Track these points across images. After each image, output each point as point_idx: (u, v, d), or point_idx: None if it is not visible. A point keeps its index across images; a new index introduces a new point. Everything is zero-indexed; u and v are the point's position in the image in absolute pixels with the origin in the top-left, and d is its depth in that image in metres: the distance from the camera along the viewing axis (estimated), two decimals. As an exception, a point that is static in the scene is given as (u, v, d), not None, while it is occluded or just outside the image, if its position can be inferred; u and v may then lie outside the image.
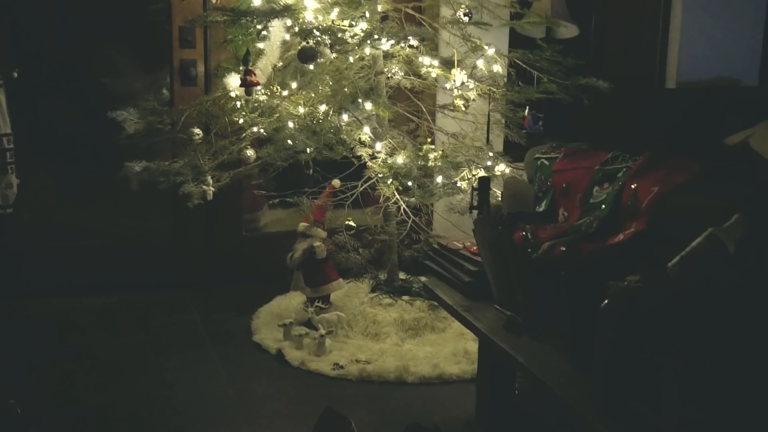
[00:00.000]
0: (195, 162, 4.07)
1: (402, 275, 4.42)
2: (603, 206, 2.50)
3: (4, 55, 4.49)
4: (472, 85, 3.84)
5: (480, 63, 3.93)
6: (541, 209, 2.89)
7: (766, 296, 1.84)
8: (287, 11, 3.42)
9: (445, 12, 4.30)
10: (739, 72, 5.21)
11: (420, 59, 3.90)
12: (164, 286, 4.83)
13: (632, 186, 2.40)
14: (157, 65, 5.10)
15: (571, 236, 2.47)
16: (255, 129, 4.11)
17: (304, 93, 3.95)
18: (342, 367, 3.70)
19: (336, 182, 4.23)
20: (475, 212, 3.57)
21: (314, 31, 3.43)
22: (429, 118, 4.37)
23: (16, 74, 4.43)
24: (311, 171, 4.18)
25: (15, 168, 4.03)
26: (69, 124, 5.03)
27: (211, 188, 4.11)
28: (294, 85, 4.04)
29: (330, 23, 3.56)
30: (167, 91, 4.89)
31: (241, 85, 3.60)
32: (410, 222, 4.25)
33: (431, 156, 3.86)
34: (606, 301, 2.01)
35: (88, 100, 5.09)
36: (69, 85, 5.05)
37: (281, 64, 4.06)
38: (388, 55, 4.00)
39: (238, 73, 3.73)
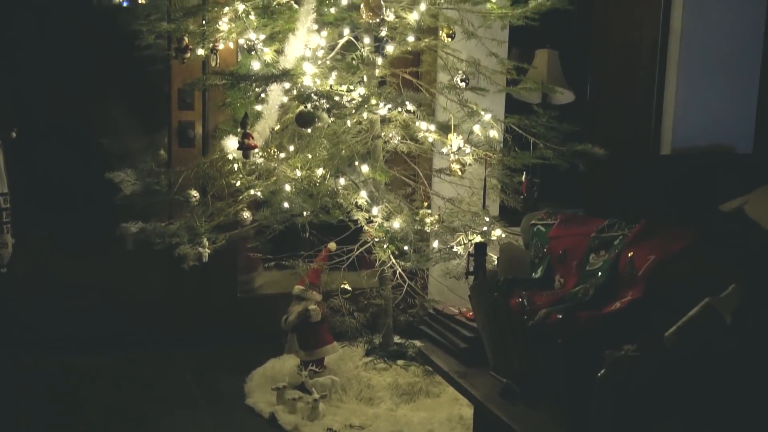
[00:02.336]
0: (191, 224, 4.06)
1: (397, 339, 4.39)
2: (599, 274, 2.50)
3: (3, 116, 4.51)
4: (468, 150, 3.86)
5: (476, 128, 3.96)
6: (537, 275, 2.89)
7: (764, 362, 1.84)
8: (286, 76, 3.45)
9: (442, 77, 4.34)
10: (734, 138, 5.25)
11: (417, 124, 3.93)
12: (158, 345, 4.80)
13: (629, 254, 2.40)
14: (155, 126, 5.13)
15: (568, 304, 2.46)
16: (252, 191, 4.12)
17: (301, 156, 3.97)
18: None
19: (332, 245, 4.23)
20: (471, 277, 3.57)
21: (312, 95, 3.46)
22: (425, 183, 4.38)
23: (14, 134, 4.44)
24: (307, 234, 4.18)
25: (10, 227, 4.03)
26: (66, 183, 5.04)
27: (207, 250, 4.10)
28: (291, 148, 4.07)
29: (328, 88, 3.59)
30: (165, 152, 4.91)
31: (238, 148, 3.61)
32: (406, 286, 4.24)
33: (427, 220, 3.87)
34: (603, 371, 2.00)
35: (87, 160, 5.11)
36: (67, 145, 5.07)
37: (279, 126, 4.09)
38: (385, 120, 4.03)
39: (236, 136, 3.74)
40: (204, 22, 3.89)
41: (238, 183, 4.15)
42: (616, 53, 5.90)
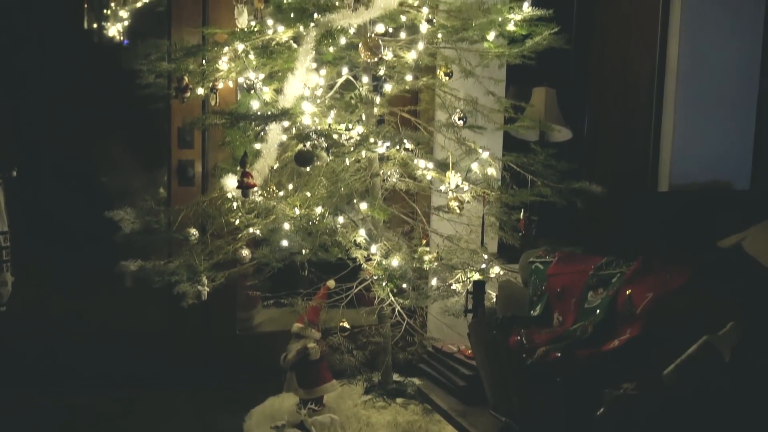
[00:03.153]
0: (190, 262, 4.07)
1: (396, 377, 4.38)
2: (598, 311, 2.51)
3: (4, 154, 4.54)
4: (466, 188, 3.87)
5: (474, 166, 3.97)
6: (536, 313, 2.90)
7: (763, 399, 1.84)
8: (285, 115, 3.47)
9: (441, 116, 4.37)
10: (732, 175, 5.28)
11: (415, 162, 3.95)
12: (157, 382, 4.78)
13: (627, 292, 2.41)
14: (155, 164, 5.15)
15: (567, 341, 2.47)
16: (251, 230, 4.13)
17: (300, 194, 3.98)
18: (335, 471, 3.65)
19: (331, 283, 4.23)
20: (470, 315, 3.58)
21: (311, 134, 3.48)
22: (424, 220, 4.40)
23: (15, 173, 4.46)
24: (306, 272, 4.19)
25: (10, 266, 4.03)
26: (67, 221, 5.05)
27: (206, 288, 4.10)
28: (290, 186, 4.08)
29: (327, 127, 3.62)
30: (164, 191, 4.93)
31: (238, 187, 3.62)
32: (405, 324, 4.24)
33: (426, 258, 3.88)
34: (602, 410, 2.00)
35: (87, 198, 5.13)
36: (68, 183, 5.09)
37: (278, 165, 4.11)
38: (383, 158, 4.05)
39: (236, 175, 3.76)
40: (204, 61, 3.92)
41: (238, 221, 4.16)
42: (612, 91, 5.95)
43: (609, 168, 5.85)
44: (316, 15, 3.61)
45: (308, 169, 3.72)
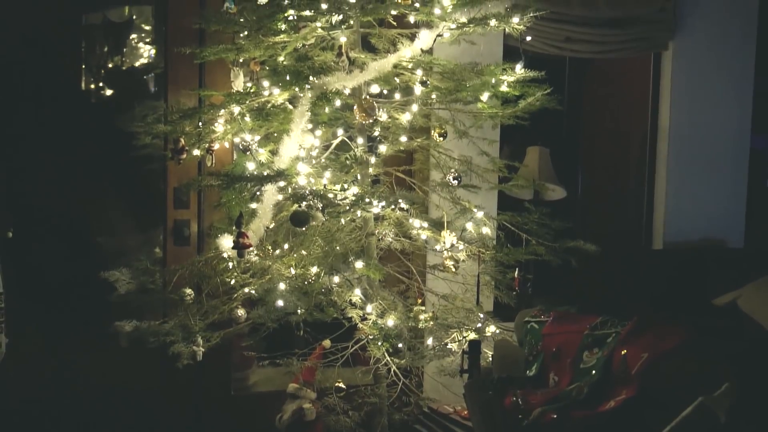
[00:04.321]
0: (186, 322, 4.06)
1: (392, 438, 4.35)
2: (593, 372, 2.51)
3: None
4: (461, 247, 3.89)
5: (469, 225, 3.99)
6: (531, 373, 2.90)
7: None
8: (281, 176, 3.50)
9: (435, 175, 4.41)
10: (725, 233, 5.32)
11: (410, 221, 3.97)
12: (150, 444, 4.75)
13: (622, 352, 2.42)
14: (150, 224, 5.16)
15: (562, 402, 2.46)
16: (246, 289, 4.13)
17: (295, 254, 4.00)
18: None
19: (326, 343, 4.22)
20: (466, 375, 3.56)
21: (307, 195, 3.51)
22: (419, 279, 4.40)
23: (10, 234, 4.47)
24: (302, 332, 4.18)
25: (4, 327, 4.02)
26: (62, 281, 5.04)
27: (201, 348, 4.08)
28: (286, 245, 4.09)
29: (322, 187, 3.64)
30: (160, 251, 4.93)
31: (233, 247, 3.64)
32: (401, 384, 4.22)
33: (422, 317, 3.88)
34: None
35: (82, 258, 5.12)
36: (63, 243, 5.09)
37: (273, 224, 4.12)
38: (379, 218, 4.06)
39: (231, 234, 3.77)
40: (200, 123, 3.95)
41: (233, 281, 4.16)
42: (606, 150, 6.02)
43: (603, 227, 5.89)
44: (311, 77, 3.65)
45: (304, 228, 3.74)
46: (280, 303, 3.95)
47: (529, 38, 3.94)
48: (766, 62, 5.45)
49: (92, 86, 5.54)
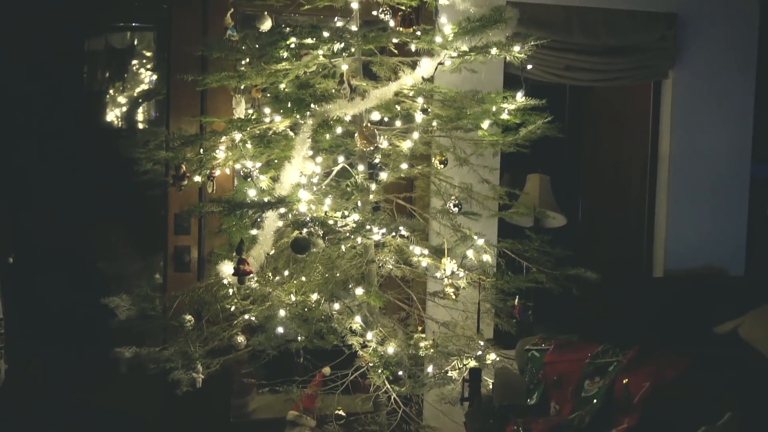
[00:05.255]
0: (185, 349, 4.04)
1: (393, 467, 4.32)
2: (595, 401, 2.50)
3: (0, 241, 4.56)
4: (462, 274, 3.88)
5: (470, 253, 3.99)
6: (532, 401, 2.88)
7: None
8: (282, 203, 3.50)
9: (436, 202, 4.41)
10: (726, 261, 5.31)
11: (411, 248, 3.96)
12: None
13: (624, 381, 2.41)
14: (151, 250, 5.17)
15: (564, 431, 2.45)
16: (246, 316, 4.12)
17: (296, 280, 3.99)
18: None
19: (326, 370, 4.21)
20: (466, 403, 3.55)
21: (307, 222, 3.51)
22: (419, 307, 4.39)
23: (11, 260, 4.47)
24: (301, 359, 4.16)
25: (4, 353, 4.01)
26: (62, 307, 5.04)
27: (201, 375, 4.07)
28: (286, 272, 4.09)
29: (323, 214, 3.65)
30: (160, 277, 4.92)
31: (234, 274, 3.63)
32: (401, 412, 4.19)
33: (422, 345, 3.86)
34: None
35: (83, 284, 5.13)
36: (64, 269, 5.10)
37: (274, 251, 4.12)
38: (379, 245, 4.06)
39: (231, 261, 3.77)
40: (201, 150, 3.96)
41: (233, 308, 4.15)
42: (606, 178, 6.02)
43: (604, 254, 5.88)
44: (313, 105, 3.67)
45: (304, 255, 3.74)
46: (280, 330, 3.95)
47: (530, 66, 3.96)
48: (765, 91, 5.47)
49: (94, 112, 5.56)
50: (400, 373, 3.79)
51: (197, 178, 4.05)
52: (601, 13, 5.00)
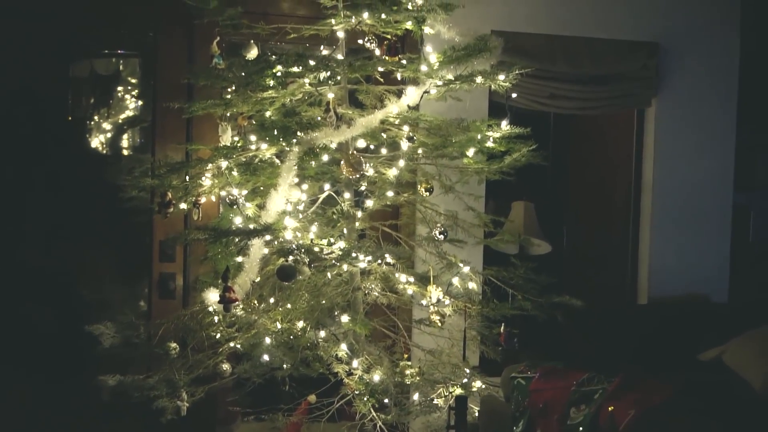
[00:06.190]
0: (170, 377, 4.03)
1: (378, 496, 4.30)
2: (580, 428, 2.51)
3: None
4: (447, 302, 3.89)
5: (455, 280, 4.00)
6: (518, 429, 2.89)
7: None
8: (267, 230, 3.50)
9: (421, 230, 4.43)
10: (709, 288, 5.34)
11: (396, 276, 3.97)
12: (131, 503, 4.67)
13: (609, 408, 2.42)
14: (135, 277, 5.14)
15: (550, 460, 2.46)
16: (232, 344, 4.11)
17: (281, 308, 3.99)
18: None
19: (312, 398, 4.19)
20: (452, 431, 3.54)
21: (293, 249, 3.51)
22: (405, 334, 4.39)
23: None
24: (287, 387, 4.15)
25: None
26: (45, 333, 5.00)
27: (186, 403, 4.05)
28: (272, 300, 4.08)
29: (309, 241, 3.65)
30: (145, 304, 4.90)
31: (219, 302, 3.63)
32: (387, 440, 4.19)
33: (408, 372, 3.86)
34: None
35: (65, 310, 5.09)
36: (47, 295, 5.07)
37: (260, 278, 4.12)
38: (365, 272, 4.07)
39: (217, 288, 3.76)
40: (187, 177, 3.96)
41: (218, 335, 4.14)
42: (590, 205, 6.06)
43: (588, 281, 5.90)
44: (299, 132, 3.68)
45: (290, 283, 3.74)
46: (265, 357, 3.95)
47: (514, 95, 4.00)
48: (747, 119, 5.53)
49: (79, 138, 5.55)
50: (386, 400, 3.79)
51: (183, 205, 4.05)
52: (584, 42, 5.05)
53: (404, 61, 3.78)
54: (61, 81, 5.18)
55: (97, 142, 5.58)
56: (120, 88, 5.65)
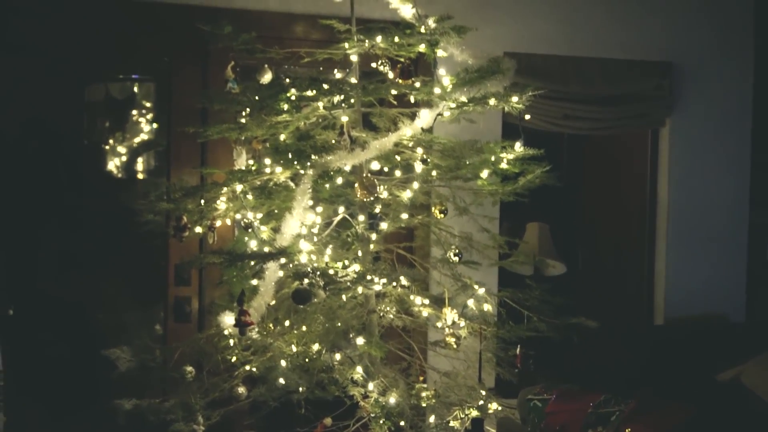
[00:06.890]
0: (186, 400, 4.03)
1: None
2: (598, 452, 2.49)
3: (-1, 293, 4.56)
4: (463, 324, 3.88)
5: (470, 302, 3.99)
6: (535, 453, 2.87)
7: None
8: (282, 254, 3.51)
9: (436, 252, 4.42)
10: (727, 307, 5.31)
11: (412, 298, 3.97)
12: None
13: (626, 431, 2.40)
14: (151, 301, 5.15)
15: (567, 483, 2.44)
16: (247, 367, 4.11)
17: (296, 331, 3.99)
18: None
19: (327, 421, 4.18)
20: (468, 454, 3.52)
21: (308, 272, 3.51)
22: (421, 356, 4.38)
23: (11, 311, 4.47)
24: (303, 410, 4.15)
25: (3, 405, 3.99)
26: (62, 358, 5.02)
27: (202, 427, 4.05)
28: (287, 323, 4.09)
29: (324, 264, 3.65)
30: (160, 327, 4.91)
31: (235, 325, 3.63)
32: (403, 463, 4.17)
33: (423, 395, 3.85)
34: None
35: (82, 335, 5.11)
36: (63, 320, 5.08)
37: (275, 302, 4.12)
38: (380, 295, 4.07)
39: (233, 311, 3.77)
40: (202, 201, 3.98)
41: (234, 358, 4.14)
42: (605, 225, 6.05)
43: (604, 302, 5.88)
44: (313, 156, 3.68)
45: (305, 306, 3.74)
46: (281, 381, 3.94)
47: (528, 116, 3.99)
48: (762, 137, 5.52)
49: (94, 162, 5.59)
50: (402, 423, 3.77)
51: (198, 229, 4.06)
52: (597, 63, 5.06)
53: (417, 84, 3.79)
54: (76, 105, 5.22)
55: (112, 165, 5.62)
56: (135, 113, 5.70)
